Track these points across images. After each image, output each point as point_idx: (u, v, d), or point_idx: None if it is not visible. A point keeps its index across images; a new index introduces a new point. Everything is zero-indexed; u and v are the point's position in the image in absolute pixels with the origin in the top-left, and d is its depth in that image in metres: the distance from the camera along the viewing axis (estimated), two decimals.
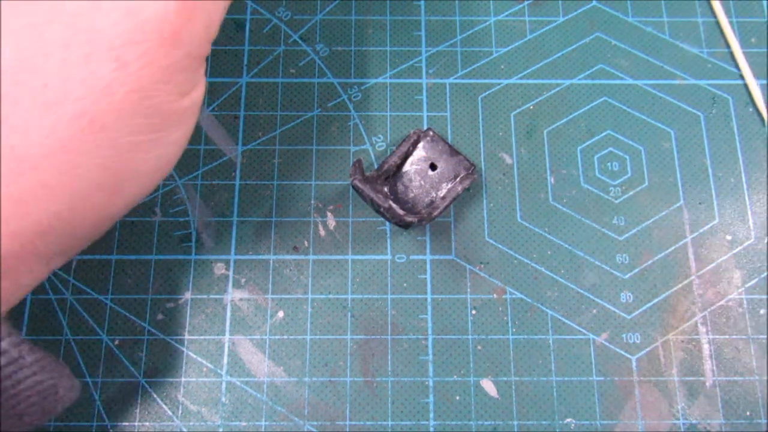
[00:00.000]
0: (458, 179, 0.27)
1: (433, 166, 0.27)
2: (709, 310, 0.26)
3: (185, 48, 0.17)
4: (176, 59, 0.17)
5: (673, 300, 0.27)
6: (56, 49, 0.16)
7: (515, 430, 0.25)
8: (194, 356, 0.26)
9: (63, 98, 0.16)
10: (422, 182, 0.27)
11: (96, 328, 0.26)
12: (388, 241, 0.27)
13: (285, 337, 0.26)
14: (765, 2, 0.31)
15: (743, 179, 0.28)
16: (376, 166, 0.28)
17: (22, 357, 0.17)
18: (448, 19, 0.31)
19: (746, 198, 0.28)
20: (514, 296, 0.26)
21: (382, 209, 0.24)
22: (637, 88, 0.30)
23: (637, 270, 0.27)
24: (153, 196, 0.28)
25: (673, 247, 0.27)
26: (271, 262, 0.27)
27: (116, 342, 0.26)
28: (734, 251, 0.27)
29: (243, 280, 0.27)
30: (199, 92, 0.19)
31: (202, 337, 0.26)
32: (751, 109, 0.29)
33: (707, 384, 0.25)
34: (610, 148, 0.29)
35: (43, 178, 0.16)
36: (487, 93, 0.29)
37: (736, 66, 0.30)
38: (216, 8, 0.19)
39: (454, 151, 0.27)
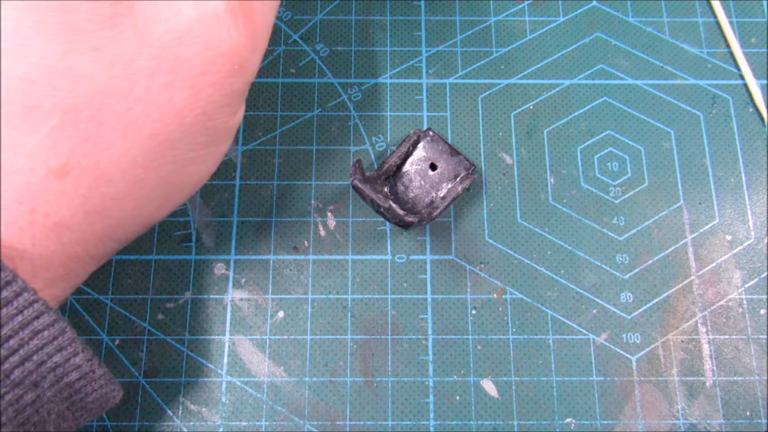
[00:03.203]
0: (458, 179, 0.27)
1: (433, 166, 0.27)
2: (709, 310, 0.26)
3: (247, 76, 0.19)
4: (238, 86, 0.19)
5: (673, 300, 0.27)
6: (142, 78, 0.17)
7: (515, 430, 0.25)
8: (194, 356, 0.26)
9: (143, 121, 0.17)
10: (422, 182, 0.27)
11: (96, 328, 0.26)
12: (388, 241, 0.27)
13: (285, 337, 0.26)
14: (765, 2, 0.31)
15: (743, 179, 0.28)
16: (376, 166, 0.28)
17: (92, 371, 0.18)
18: (448, 19, 0.31)
19: (746, 198, 0.28)
20: (514, 296, 0.26)
21: (382, 209, 0.24)
22: (637, 88, 0.30)
23: (637, 270, 0.27)
24: None
25: (673, 247, 0.27)
26: (271, 262, 0.27)
27: (116, 342, 0.26)
28: (734, 251, 0.27)
29: (243, 280, 0.27)
30: (243, 109, 0.21)
31: (202, 337, 0.26)
32: (751, 109, 0.29)
33: (707, 384, 0.25)
34: (610, 148, 0.29)
35: (116, 191, 0.18)
36: (487, 93, 0.29)
37: (736, 66, 0.30)
38: (268, 35, 0.20)
39: (454, 151, 0.27)
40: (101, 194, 0.17)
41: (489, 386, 0.25)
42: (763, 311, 0.26)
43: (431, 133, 0.27)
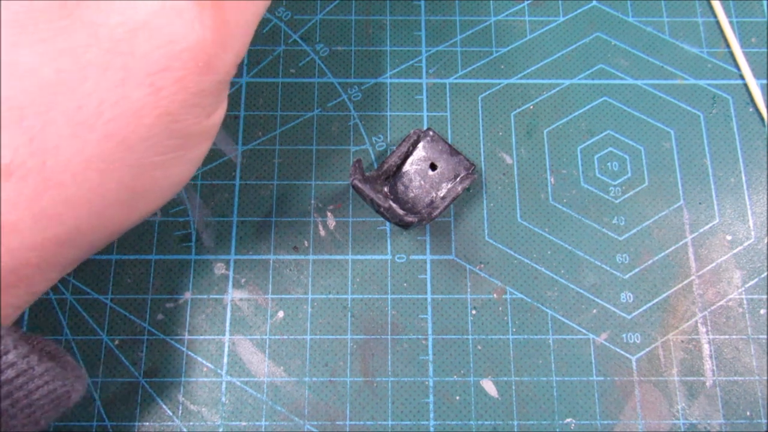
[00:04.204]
0: (458, 179, 0.27)
1: (433, 166, 0.27)
2: (709, 310, 0.26)
3: (217, 75, 0.18)
4: (207, 85, 0.18)
5: (673, 300, 0.27)
6: (93, 73, 0.16)
7: (515, 430, 0.25)
8: (194, 356, 0.26)
9: (95, 120, 0.16)
10: (422, 182, 0.27)
11: (96, 328, 0.26)
12: (388, 241, 0.27)
13: (285, 337, 0.26)
14: (765, 2, 0.31)
15: (743, 179, 0.28)
16: (376, 166, 0.28)
17: (31, 368, 0.17)
18: (448, 19, 0.31)
19: (746, 198, 0.28)
20: (514, 296, 0.26)
21: (382, 209, 0.24)
22: (637, 88, 0.30)
23: (637, 270, 0.27)
24: None
25: (673, 247, 0.27)
26: (271, 262, 0.27)
27: (116, 342, 0.26)
28: (734, 251, 0.27)
29: (243, 280, 0.27)
30: (221, 111, 0.20)
31: (202, 337, 0.26)
32: (751, 109, 0.29)
33: (707, 384, 0.25)
34: (610, 148, 0.29)
35: (67, 194, 0.16)
36: (487, 93, 0.29)
37: (736, 66, 0.30)
38: (246, 34, 0.19)
39: (454, 151, 0.27)
40: (51, 197, 0.16)
41: (489, 386, 0.25)
42: (763, 311, 0.26)
43: (431, 133, 0.27)
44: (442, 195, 0.27)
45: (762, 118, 0.29)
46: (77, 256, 0.18)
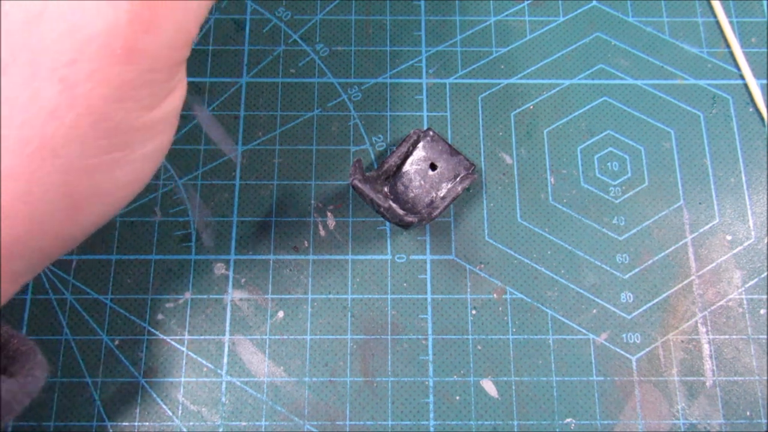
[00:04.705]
0: (458, 179, 0.27)
1: (433, 166, 0.27)
2: (709, 310, 0.26)
3: (145, 62, 0.16)
4: (134, 75, 0.16)
5: (673, 300, 0.27)
6: None
7: (515, 430, 0.25)
8: (194, 356, 0.26)
9: (6, 124, 0.15)
10: (422, 182, 0.27)
11: (96, 328, 0.26)
12: (388, 241, 0.27)
13: (285, 337, 0.26)
14: (765, 2, 0.31)
15: (743, 179, 0.28)
16: (376, 166, 0.28)
17: None
18: (448, 19, 0.31)
19: (746, 198, 0.28)
20: (514, 296, 0.26)
21: (382, 209, 0.24)
22: (637, 88, 0.30)
23: (637, 270, 0.27)
24: (153, 196, 0.28)
25: (673, 247, 0.27)
26: (271, 262, 0.27)
27: (116, 342, 0.26)
28: (734, 251, 0.27)
29: (243, 280, 0.27)
30: (173, 100, 0.18)
31: (202, 337, 0.26)
32: (751, 109, 0.29)
33: (707, 384, 0.25)
34: (610, 148, 0.29)
35: None
36: (487, 93, 0.29)
37: (736, 66, 0.30)
38: (184, 11, 0.17)
39: (454, 151, 0.27)
40: None
41: (489, 386, 0.25)
42: (763, 311, 0.26)
43: (431, 133, 0.27)
44: (442, 195, 0.27)
45: (762, 118, 0.29)
46: (29, 266, 0.17)
